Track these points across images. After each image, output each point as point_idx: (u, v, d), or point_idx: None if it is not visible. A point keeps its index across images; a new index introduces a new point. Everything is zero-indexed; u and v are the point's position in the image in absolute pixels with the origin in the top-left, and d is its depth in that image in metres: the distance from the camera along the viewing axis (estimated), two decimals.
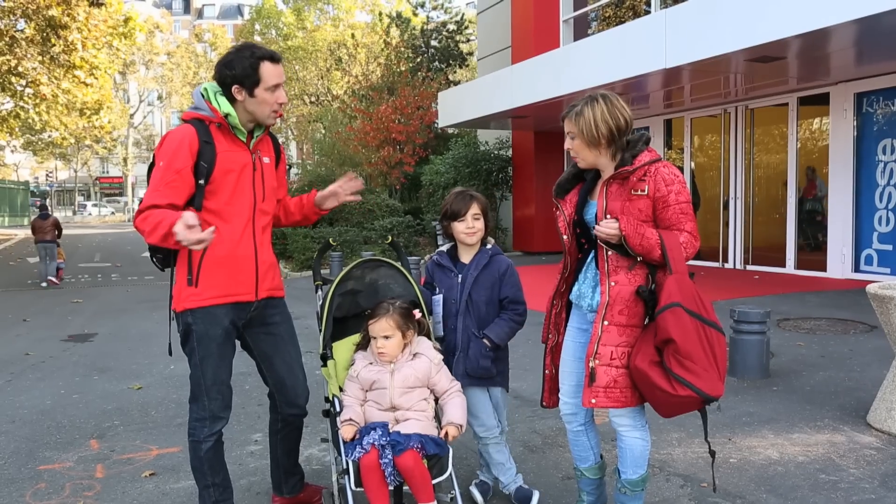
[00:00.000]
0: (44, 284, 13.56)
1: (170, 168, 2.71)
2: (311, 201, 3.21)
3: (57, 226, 13.85)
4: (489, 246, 3.26)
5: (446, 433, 2.81)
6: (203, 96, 2.81)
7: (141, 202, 2.76)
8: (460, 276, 3.20)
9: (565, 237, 2.86)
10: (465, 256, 3.26)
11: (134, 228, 2.85)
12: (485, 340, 3.13)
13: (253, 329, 3.01)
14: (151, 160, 2.86)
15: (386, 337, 2.89)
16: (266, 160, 2.98)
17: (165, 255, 2.88)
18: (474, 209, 3.17)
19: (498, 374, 3.21)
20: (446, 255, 3.30)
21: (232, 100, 2.80)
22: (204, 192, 2.77)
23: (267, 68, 2.78)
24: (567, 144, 2.76)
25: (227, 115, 2.78)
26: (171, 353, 3.17)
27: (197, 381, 2.86)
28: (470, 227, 3.17)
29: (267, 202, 2.97)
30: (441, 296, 3.23)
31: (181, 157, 2.72)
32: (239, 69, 2.75)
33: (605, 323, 2.65)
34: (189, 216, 2.49)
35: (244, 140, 2.88)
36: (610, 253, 2.67)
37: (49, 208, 15.99)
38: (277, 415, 3.17)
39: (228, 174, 2.81)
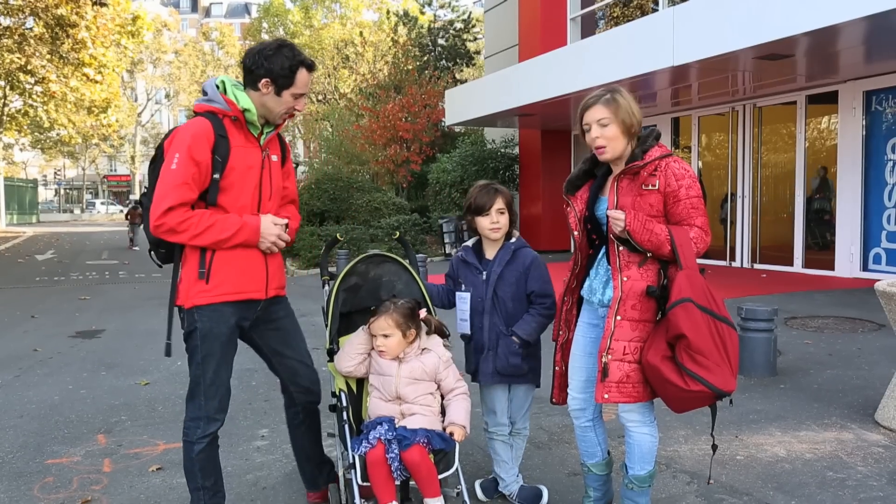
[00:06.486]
0: (136, 248, 20.77)
1: (190, 160, 2.62)
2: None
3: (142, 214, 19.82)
4: (513, 240, 3.18)
5: (451, 434, 2.80)
6: (218, 88, 2.75)
7: (154, 197, 2.66)
8: (485, 273, 3.14)
9: (576, 233, 2.85)
10: (490, 252, 3.18)
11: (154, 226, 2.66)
12: (513, 338, 3.08)
13: (259, 328, 2.95)
14: (157, 153, 2.77)
15: (385, 336, 2.88)
16: (274, 158, 2.92)
17: (169, 249, 2.81)
18: (499, 204, 3.10)
19: (529, 371, 3.16)
20: (471, 252, 3.22)
21: (251, 91, 2.75)
22: (219, 186, 2.71)
23: (302, 75, 2.74)
24: (595, 133, 2.67)
25: (245, 111, 2.72)
26: (169, 354, 2.92)
27: (196, 380, 2.80)
28: (494, 223, 3.10)
29: (273, 200, 2.91)
30: (468, 294, 3.15)
31: (200, 149, 2.64)
32: (277, 65, 2.69)
33: (618, 318, 2.64)
34: (271, 219, 2.78)
35: (257, 136, 2.82)
36: (621, 248, 2.66)
37: (141, 205, 20.47)
38: (296, 407, 3.12)
39: (240, 170, 2.75)
